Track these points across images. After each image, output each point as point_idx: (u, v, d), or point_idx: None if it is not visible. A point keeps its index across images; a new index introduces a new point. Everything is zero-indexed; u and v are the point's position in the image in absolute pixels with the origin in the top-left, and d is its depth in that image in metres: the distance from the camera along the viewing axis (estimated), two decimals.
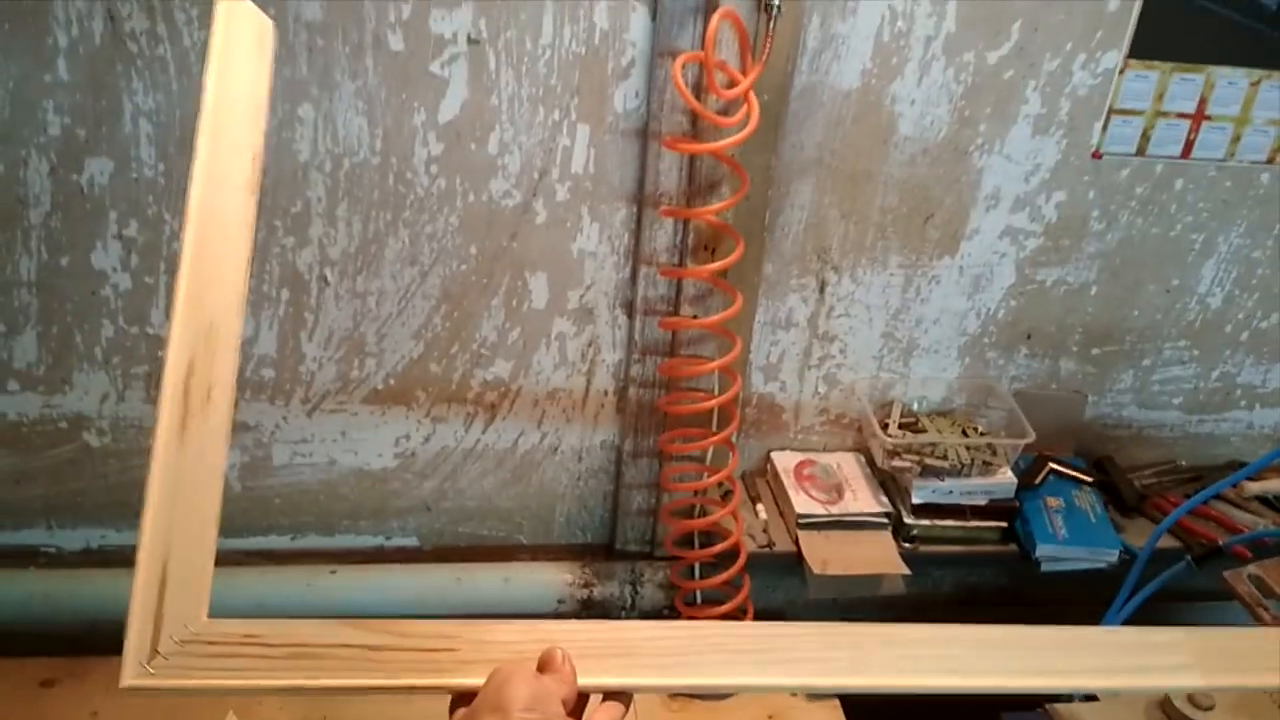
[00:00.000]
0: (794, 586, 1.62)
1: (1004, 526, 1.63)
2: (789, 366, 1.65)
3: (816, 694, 1.50)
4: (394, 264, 1.43)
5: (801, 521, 1.59)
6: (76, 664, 1.46)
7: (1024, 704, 1.41)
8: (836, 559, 1.56)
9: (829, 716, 1.50)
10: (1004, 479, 1.61)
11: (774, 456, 1.72)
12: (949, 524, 1.61)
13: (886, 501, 1.63)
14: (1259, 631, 0.82)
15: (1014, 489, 1.62)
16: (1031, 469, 1.70)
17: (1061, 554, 1.60)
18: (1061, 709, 1.35)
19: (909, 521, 1.60)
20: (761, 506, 1.67)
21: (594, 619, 1.56)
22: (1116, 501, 1.72)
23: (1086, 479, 1.71)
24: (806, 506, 1.61)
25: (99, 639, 1.46)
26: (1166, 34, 1.45)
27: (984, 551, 1.64)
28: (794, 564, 1.59)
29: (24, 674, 1.45)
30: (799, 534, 1.59)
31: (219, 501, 0.75)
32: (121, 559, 1.22)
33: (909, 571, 1.56)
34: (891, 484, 1.65)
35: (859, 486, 1.66)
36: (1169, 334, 1.72)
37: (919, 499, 1.60)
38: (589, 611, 1.60)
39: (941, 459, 1.59)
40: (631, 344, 1.52)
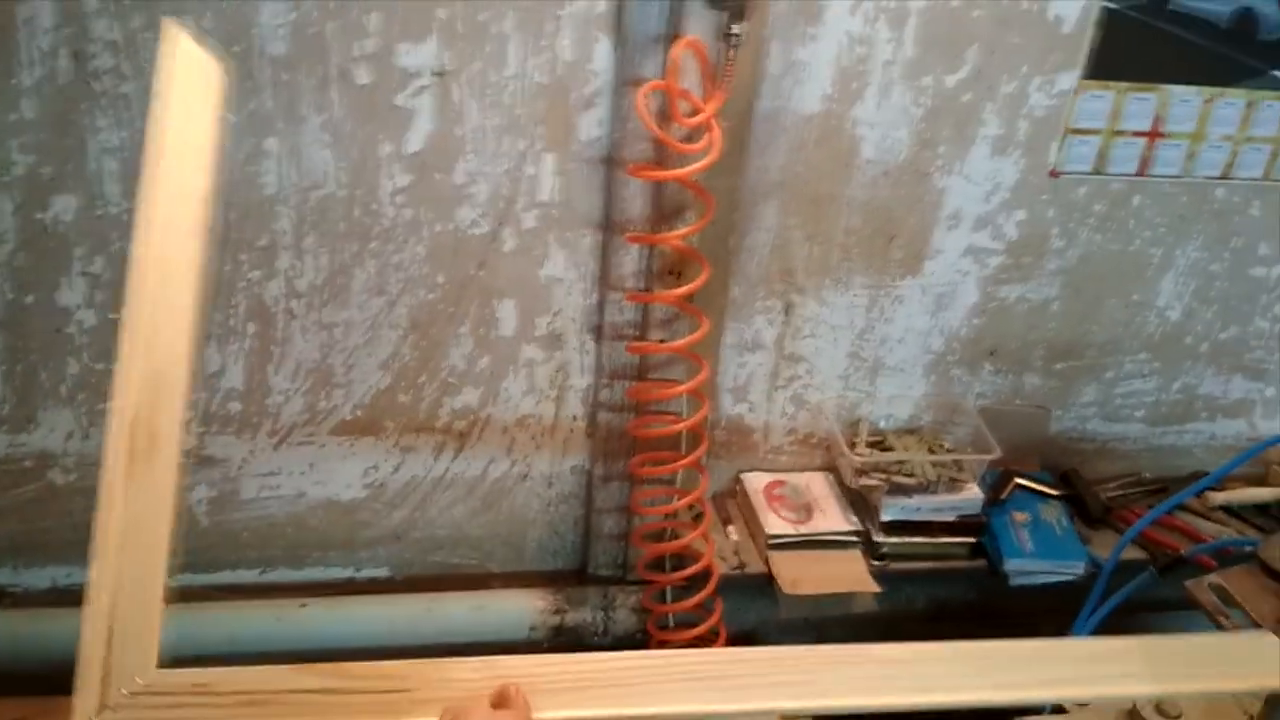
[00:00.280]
0: (766, 607, 1.63)
1: (972, 542, 1.65)
2: (757, 388, 1.66)
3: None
4: (361, 294, 1.43)
5: (772, 542, 1.60)
6: (46, 703, 1.44)
7: (994, 714, 1.42)
8: (807, 578, 1.57)
9: None
10: (971, 495, 1.63)
11: (744, 478, 1.73)
12: (918, 541, 1.63)
13: (856, 520, 1.64)
14: (1207, 638, 0.84)
15: (981, 504, 1.63)
16: (998, 484, 1.72)
17: (1029, 567, 1.62)
18: None
19: (878, 539, 1.61)
20: (732, 528, 1.68)
21: (558, 650, 1.56)
22: (1083, 514, 1.74)
23: (1052, 493, 1.74)
24: (777, 527, 1.62)
25: (68, 677, 1.43)
26: (1120, 55, 1.48)
27: (953, 567, 1.66)
28: (766, 585, 1.60)
29: None
30: (770, 554, 1.60)
31: (167, 549, 0.73)
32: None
33: (880, 589, 1.57)
34: (861, 502, 1.67)
35: (828, 506, 1.67)
36: (1130, 348, 1.75)
37: (888, 517, 1.61)
38: (562, 637, 1.60)
39: (909, 476, 1.60)
40: (600, 369, 1.52)
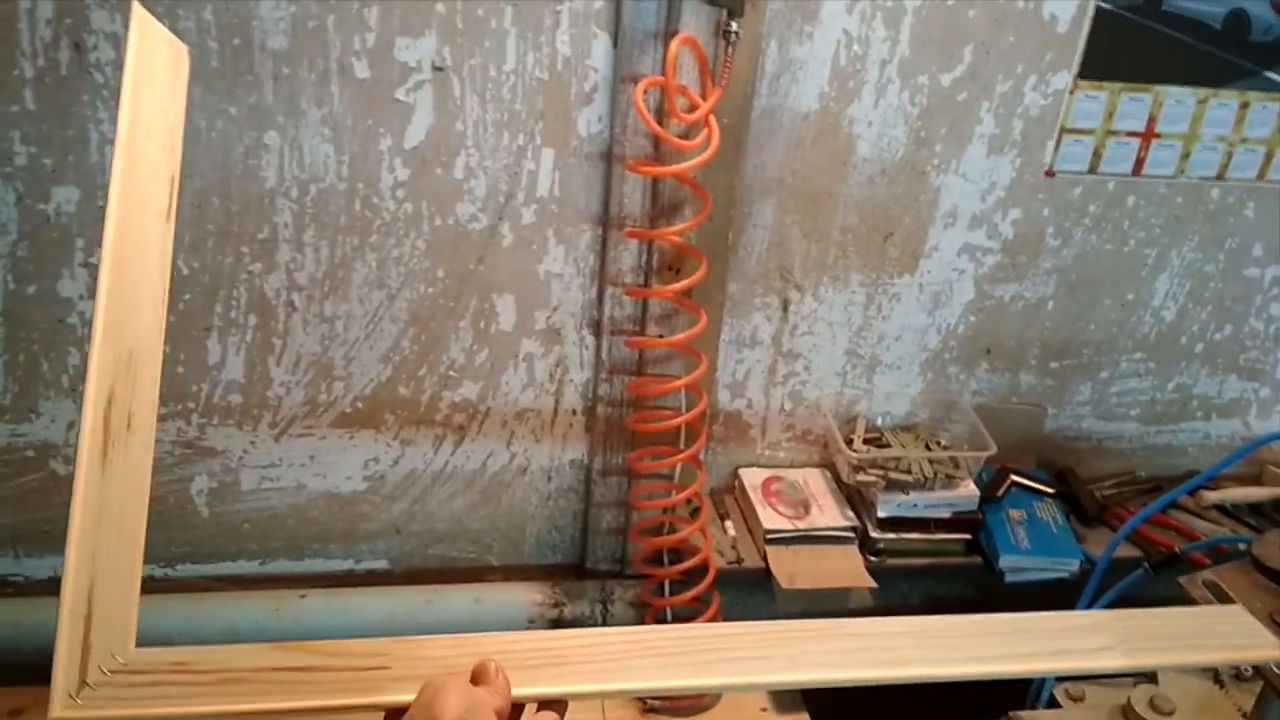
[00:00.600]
0: (763, 602, 1.64)
1: (968, 538, 1.65)
2: (754, 384, 1.67)
3: (784, 706, 1.51)
4: (361, 288, 1.44)
5: (769, 537, 1.61)
6: (45, 693, 1.45)
7: (988, 711, 1.43)
8: (804, 573, 1.58)
9: None
10: (967, 492, 1.64)
11: (741, 473, 1.74)
12: (914, 537, 1.63)
13: (852, 516, 1.65)
14: (1179, 611, 0.85)
15: (977, 501, 1.64)
16: (994, 481, 1.72)
17: (1024, 564, 1.63)
18: (1025, 715, 1.38)
19: (875, 535, 1.62)
20: (730, 523, 1.69)
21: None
22: (1078, 512, 1.75)
23: (1048, 490, 1.74)
24: (774, 522, 1.63)
25: None
26: (1115, 55, 1.49)
27: (949, 563, 1.66)
28: (762, 579, 1.60)
29: None
30: (767, 549, 1.61)
31: (143, 529, 0.74)
32: None
33: (875, 584, 1.58)
34: (857, 498, 1.68)
35: (825, 501, 1.68)
36: (1125, 347, 1.76)
37: (884, 513, 1.62)
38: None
39: (905, 473, 1.61)
40: (599, 363, 1.53)
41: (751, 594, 1.65)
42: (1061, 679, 1.47)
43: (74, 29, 1.23)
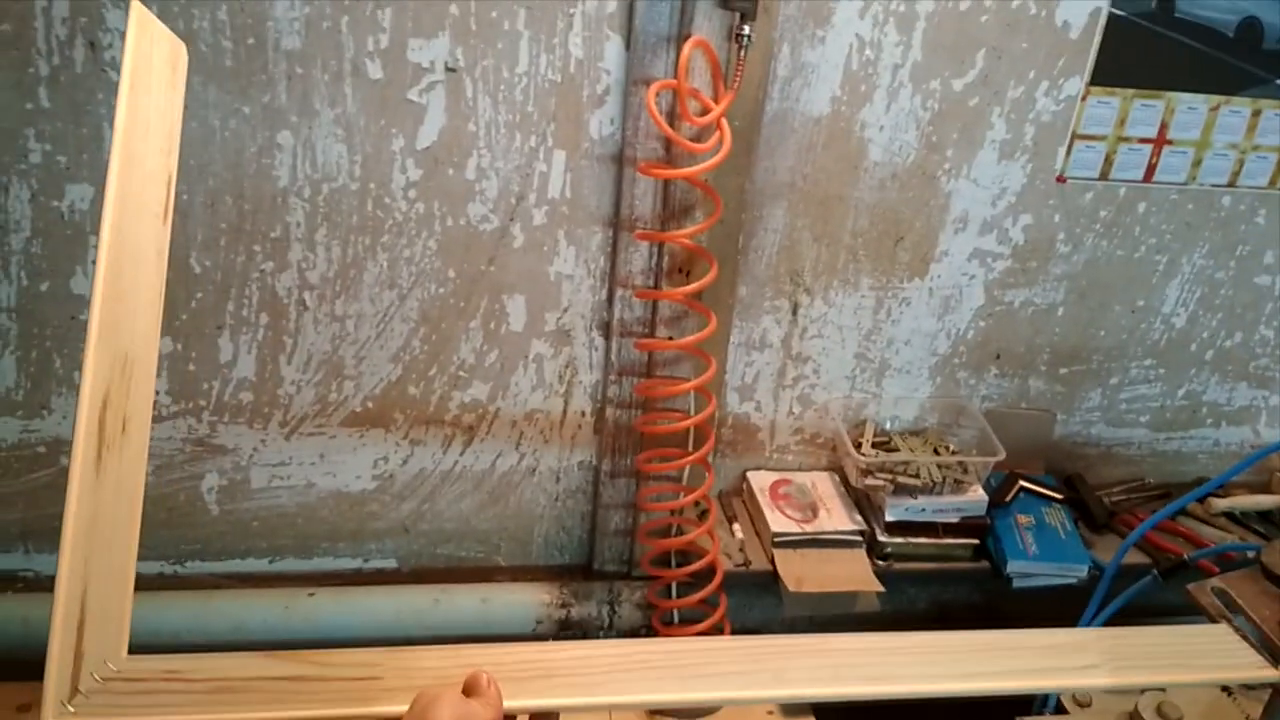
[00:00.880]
0: (770, 605, 1.64)
1: (976, 544, 1.65)
2: (763, 387, 1.67)
3: (792, 708, 1.51)
4: (373, 287, 1.45)
5: (777, 540, 1.61)
6: None
7: (995, 716, 1.42)
8: (811, 577, 1.58)
9: None
10: (975, 497, 1.63)
11: (749, 476, 1.74)
12: (922, 541, 1.63)
13: (860, 520, 1.65)
14: (1165, 630, 0.85)
15: (985, 506, 1.64)
16: (1002, 487, 1.72)
17: (1032, 570, 1.63)
18: None
19: (883, 539, 1.62)
20: (738, 525, 1.69)
21: (568, 639, 1.57)
22: (1086, 518, 1.75)
23: (1056, 496, 1.74)
24: (782, 525, 1.63)
25: None
26: (1127, 61, 1.49)
27: (957, 568, 1.66)
28: (770, 582, 1.60)
29: (1, 698, 1.44)
30: (774, 552, 1.61)
31: (137, 535, 0.73)
32: None
33: (883, 589, 1.58)
34: (865, 502, 1.68)
35: (833, 505, 1.68)
36: (1135, 353, 1.76)
37: (892, 517, 1.62)
38: (567, 631, 1.61)
39: (914, 477, 1.61)
40: (608, 365, 1.54)
41: (759, 597, 1.65)
42: None
43: (89, 27, 1.24)
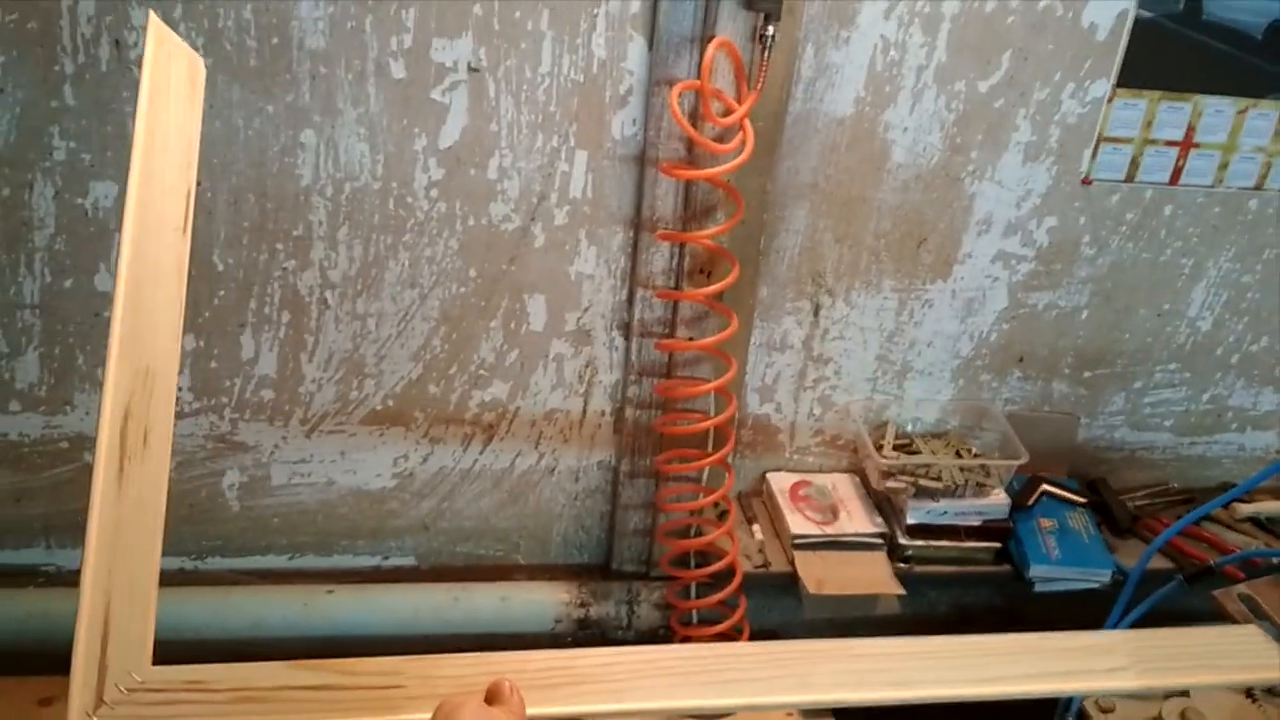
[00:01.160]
0: (790, 606, 1.63)
1: (998, 547, 1.64)
2: (784, 388, 1.66)
3: (811, 710, 1.51)
4: (394, 286, 1.45)
5: (797, 542, 1.61)
6: None
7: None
8: (832, 579, 1.57)
9: None
10: (998, 500, 1.62)
11: (769, 477, 1.73)
12: (943, 544, 1.62)
13: (881, 522, 1.64)
14: (1193, 632, 0.84)
15: (1008, 510, 1.63)
16: (1025, 490, 1.71)
17: (1055, 574, 1.61)
18: None
19: (903, 542, 1.61)
20: (757, 527, 1.69)
21: (582, 643, 1.57)
22: (1109, 523, 1.73)
23: (1079, 500, 1.73)
24: (802, 527, 1.62)
25: None
26: (1154, 63, 1.48)
27: (978, 572, 1.65)
28: (789, 584, 1.60)
29: (23, 692, 1.45)
30: (794, 554, 1.60)
31: (160, 546, 0.73)
32: None
33: (903, 591, 1.57)
34: (886, 505, 1.67)
35: (854, 507, 1.67)
36: (1160, 357, 1.74)
37: (913, 520, 1.61)
38: (586, 631, 1.61)
39: (936, 480, 1.60)
40: (628, 365, 1.53)
41: (778, 598, 1.64)
42: None
43: (115, 26, 1.24)
